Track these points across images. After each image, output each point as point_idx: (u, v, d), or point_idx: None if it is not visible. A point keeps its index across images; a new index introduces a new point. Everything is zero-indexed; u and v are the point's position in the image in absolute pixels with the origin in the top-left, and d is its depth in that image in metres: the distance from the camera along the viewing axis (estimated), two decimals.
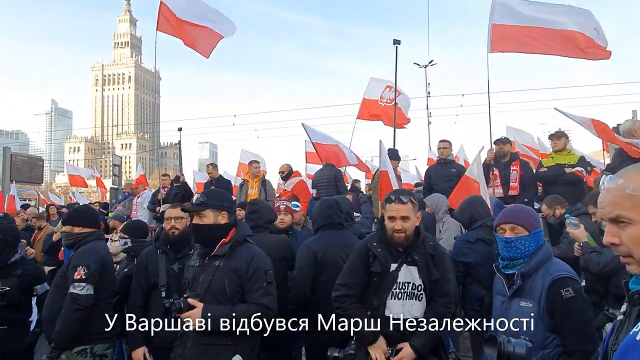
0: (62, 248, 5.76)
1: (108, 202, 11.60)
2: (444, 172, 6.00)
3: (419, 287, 2.57)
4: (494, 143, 6.03)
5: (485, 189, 4.84)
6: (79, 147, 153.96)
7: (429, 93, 22.43)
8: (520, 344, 1.92)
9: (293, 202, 5.79)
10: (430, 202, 4.88)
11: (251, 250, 2.66)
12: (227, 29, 8.21)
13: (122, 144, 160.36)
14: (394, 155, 6.40)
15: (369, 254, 2.62)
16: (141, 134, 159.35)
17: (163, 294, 3.11)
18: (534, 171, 6.00)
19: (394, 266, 2.57)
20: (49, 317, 3.05)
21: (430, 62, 23.03)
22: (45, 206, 10.88)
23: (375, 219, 4.64)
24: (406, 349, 2.47)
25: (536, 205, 5.44)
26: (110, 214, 9.16)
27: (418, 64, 23.21)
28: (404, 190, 3.23)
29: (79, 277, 2.93)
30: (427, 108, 21.90)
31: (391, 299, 2.56)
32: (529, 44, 6.39)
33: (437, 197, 5.03)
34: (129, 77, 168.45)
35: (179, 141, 10.54)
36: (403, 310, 2.54)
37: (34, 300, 3.87)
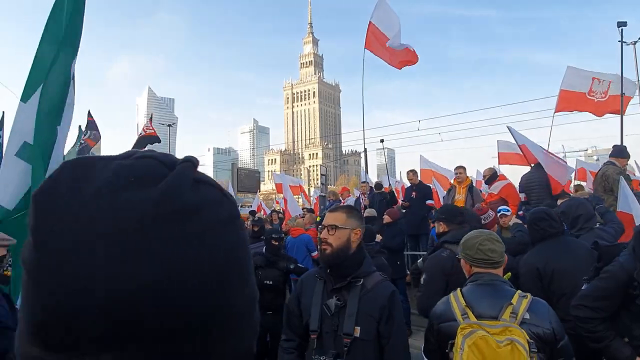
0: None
1: (312, 207, 13.08)
2: None
3: None
4: None
5: None
6: (275, 159, 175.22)
7: None
8: None
9: (502, 207, 5.67)
10: None
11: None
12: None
13: (309, 154, 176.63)
14: (621, 153, 5.64)
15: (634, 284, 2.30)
16: (326, 143, 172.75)
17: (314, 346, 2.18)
18: None
19: None
20: None
21: None
22: (267, 212, 12.79)
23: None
24: None
25: None
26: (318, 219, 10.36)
27: (625, 42, 19.44)
28: None
29: None
30: None
31: None
32: None
33: None
34: (314, 92, 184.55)
35: (364, 149, 11.25)
36: None
37: None
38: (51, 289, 0.36)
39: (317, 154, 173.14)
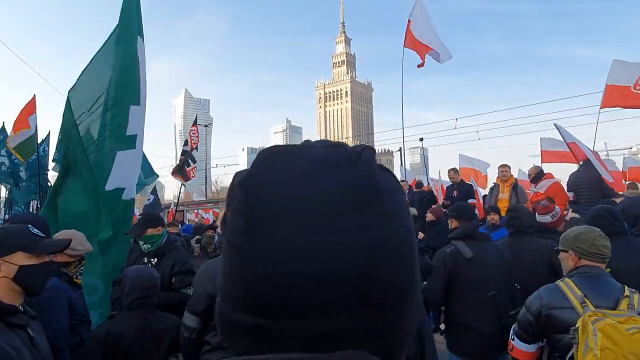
0: None
1: None
2: None
3: None
4: None
5: None
6: None
7: None
8: None
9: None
10: None
11: None
12: (445, 56, 8.81)
13: None
14: None
15: None
16: (358, 142, 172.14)
17: None
18: None
19: None
20: None
21: None
22: None
23: None
24: None
25: None
26: None
27: None
28: None
29: None
30: None
31: None
32: None
33: None
34: (346, 91, 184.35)
35: (402, 148, 11.15)
36: None
37: None
38: (267, 263, 0.41)
39: None
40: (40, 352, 1.61)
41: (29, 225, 1.72)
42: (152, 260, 3.78)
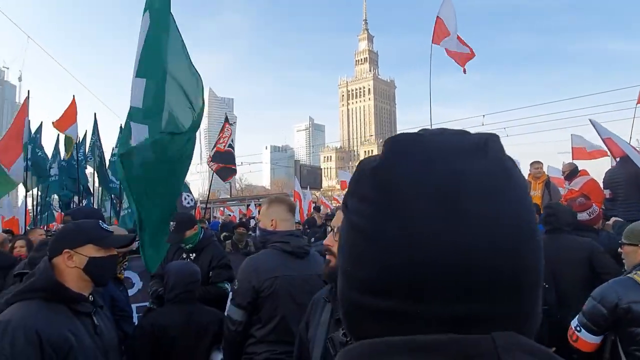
0: None
1: None
2: None
3: None
4: None
5: None
6: (331, 156, 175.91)
7: None
8: None
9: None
10: None
11: None
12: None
13: (365, 151, 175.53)
14: None
15: None
16: (381, 140, 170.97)
17: None
18: None
19: None
20: None
21: None
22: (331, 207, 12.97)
23: None
24: None
25: None
26: None
27: None
28: None
29: None
30: None
31: None
32: None
33: None
34: (368, 89, 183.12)
35: None
36: None
37: None
38: (403, 248, 0.42)
39: (372, 150, 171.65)
40: (104, 340, 1.70)
41: (100, 221, 1.83)
42: (190, 255, 3.89)
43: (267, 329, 2.29)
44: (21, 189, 8.70)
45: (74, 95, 8.65)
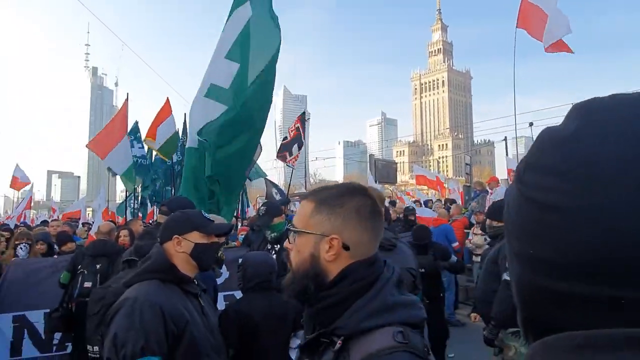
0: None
1: (453, 199, 12.66)
2: None
3: None
4: None
5: None
6: (404, 151, 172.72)
7: None
8: None
9: None
10: None
11: None
12: (565, 28, 7.85)
13: (439, 145, 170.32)
14: None
15: None
16: (455, 134, 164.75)
17: None
18: None
19: None
20: (483, 298, 3.59)
21: None
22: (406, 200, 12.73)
23: None
24: None
25: None
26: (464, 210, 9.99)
27: None
28: None
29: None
30: None
31: None
32: None
33: None
34: (442, 81, 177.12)
35: (505, 137, 10.38)
36: None
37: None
38: (610, 227, 0.37)
39: (446, 144, 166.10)
40: (209, 321, 1.83)
41: (202, 211, 1.97)
42: (275, 246, 4.03)
43: None
44: (118, 182, 9.70)
45: (167, 97, 9.35)
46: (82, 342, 3.34)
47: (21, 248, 5.07)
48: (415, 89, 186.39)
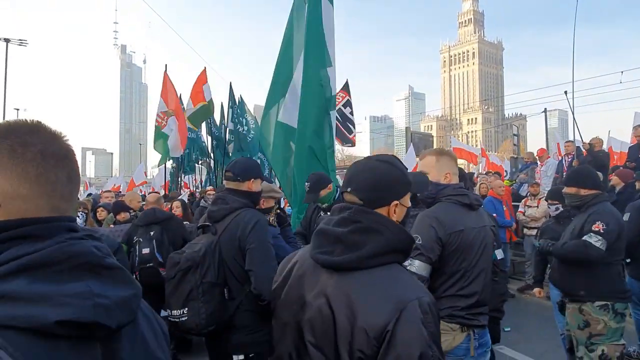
0: None
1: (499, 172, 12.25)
2: None
3: None
4: None
5: None
6: (431, 126, 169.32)
7: None
8: None
9: None
10: None
11: None
12: None
13: (468, 119, 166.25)
14: None
15: None
16: (486, 107, 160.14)
17: None
18: None
19: None
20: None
21: None
22: None
23: None
24: None
25: None
26: (506, 182, 9.63)
27: None
28: None
29: (597, 229, 3.06)
30: None
31: None
32: None
33: None
34: (473, 53, 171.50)
35: (545, 109, 9.84)
36: None
37: None
38: None
39: (476, 118, 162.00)
40: None
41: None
42: (327, 213, 3.92)
43: (449, 284, 2.17)
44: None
45: (204, 67, 9.28)
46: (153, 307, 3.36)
47: (78, 216, 5.15)
48: (444, 61, 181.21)
